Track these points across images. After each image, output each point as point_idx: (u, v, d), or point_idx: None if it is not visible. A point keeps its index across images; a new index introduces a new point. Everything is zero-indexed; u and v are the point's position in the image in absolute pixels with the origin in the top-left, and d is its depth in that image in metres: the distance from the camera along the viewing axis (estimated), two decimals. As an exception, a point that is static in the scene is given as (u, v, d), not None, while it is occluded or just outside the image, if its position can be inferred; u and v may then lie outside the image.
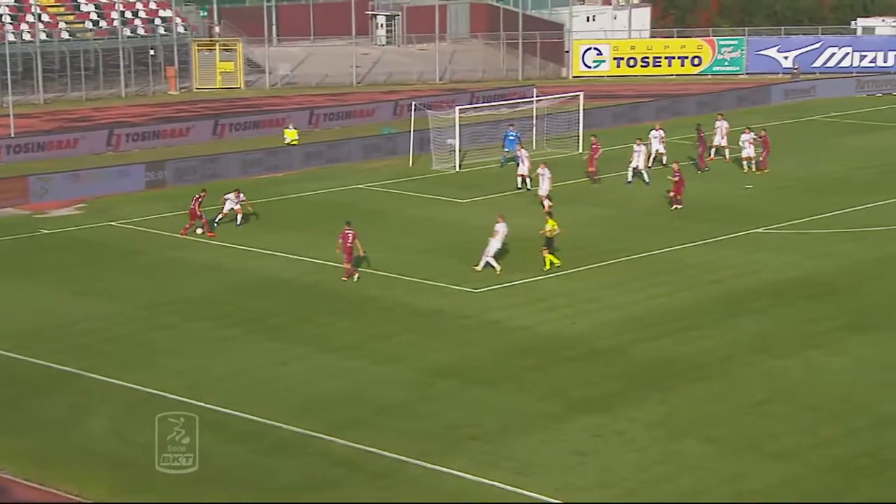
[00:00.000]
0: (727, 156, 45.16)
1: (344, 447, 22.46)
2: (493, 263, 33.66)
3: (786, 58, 75.49)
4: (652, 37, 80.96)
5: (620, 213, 41.09)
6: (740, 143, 47.26)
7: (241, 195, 40.01)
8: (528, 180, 44.23)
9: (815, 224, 39.02)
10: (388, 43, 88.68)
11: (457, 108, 49.90)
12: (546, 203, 39.65)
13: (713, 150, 47.01)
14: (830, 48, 75.63)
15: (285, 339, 28.45)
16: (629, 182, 44.90)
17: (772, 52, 76.00)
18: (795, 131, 56.99)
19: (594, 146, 46.04)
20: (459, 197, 43.54)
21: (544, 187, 41.41)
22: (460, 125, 49.60)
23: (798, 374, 25.93)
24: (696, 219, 39.74)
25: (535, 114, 53.47)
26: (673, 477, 21.22)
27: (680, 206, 39.63)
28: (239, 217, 40.31)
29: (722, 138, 46.88)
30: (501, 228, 34.01)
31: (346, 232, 33.31)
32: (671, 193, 40.35)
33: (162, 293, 31.98)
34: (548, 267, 33.88)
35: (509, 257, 35.12)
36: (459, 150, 49.11)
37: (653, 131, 48.31)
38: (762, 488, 20.77)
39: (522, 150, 45.53)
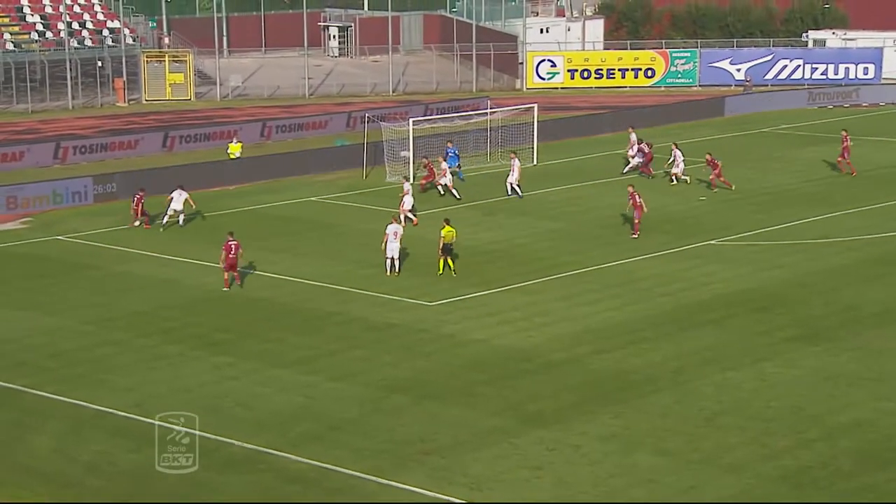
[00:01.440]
0: (688, 180, 45.44)
1: (298, 463, 22.46)
2: (396, 265, 34.42)
3: (738, 70, 76.45)
4: (605, 49, 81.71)
5: (571, 225, 41.42)
6: (631, 148, 47.56)
7: (185, 193, 40.14)
8: (517, 188, 44.85)
9: (765, 236, 39.55)
10: (340, 54, 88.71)
11: (410, 120, 50.04)
12: (515, 187, 43.09)
13: (673, 178, 47.14)
14: (782, 60, 76.71)
15: (237, 354, 28.39)
16: (509, 195, 45.03)
17: (724, 65, 76.92)
18: (747, 143, 57.73)
19: None
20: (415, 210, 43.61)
21: (514, 175, 43.97)
22: (414, 137, 49.75)
23: (750, 385, 26.29)
24: (648, 231, 40.14)
25: (489, 126, 53.74)
26: (628, 490, 21.44)
27: (635, 236, 39.57)
28: (181, 218, 40.37)
29: (677, 167, 46.91)
30: (394, 229, 34.52)
31: (230, 243, 33.49)
32: (636, 220, 40.21)
33: (109, 308, 31.79)
34: (441, 272, 34.52)
35: (465, 271, 35.26)
36: (413, 163, 49.24)
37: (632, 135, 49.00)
38: (716, 500, 21.04)
39: (515, 158, 45.69)
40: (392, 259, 34.71)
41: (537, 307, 32.01)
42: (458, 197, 45.43)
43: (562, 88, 76.71)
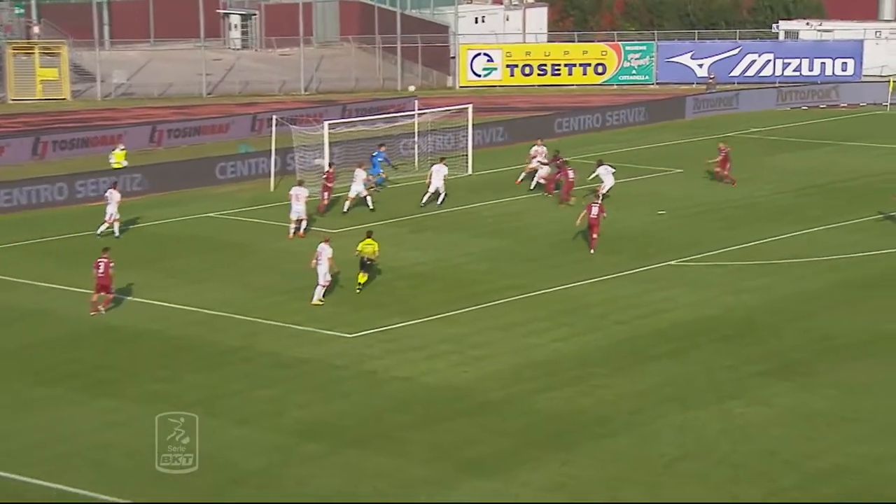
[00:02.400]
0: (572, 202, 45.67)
1: (194, 523, 22.36)
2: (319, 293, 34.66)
3: (700, 66, 77.61)
4: (550, 41, 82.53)
5: (514, 243, 41.74)
6: (531, 161, 47.84)
7: (117, 194, 41.02)
8: (440, 197, 45.98)
9: (732, 255, 40.17)
10: (243, 47, 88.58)
11: (325, 123, 50.13)
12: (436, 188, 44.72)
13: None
14: (750, 55, 77.99)
15: (123, 396, 28.17)
16: (423, 205, 45.82)
17: (685, 60, 78.05)
18: (712, 150, 58.58)
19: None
20: (331, 226, 43.69)
21: (437, 182, 45.05)
22: (330, 143, 49.81)
23: (715, 426, 26.66)
24: (600, 250, 40.59)
25: (416, 129, 54.02)
26: (576, 548, 21.65)
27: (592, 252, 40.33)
28: (117, 227, 41.25)
29: (606, 189, 46.79)
30: (323, 250, 34.71)
31: (100, 261, 33.61)
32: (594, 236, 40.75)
33: (-27, 345, 31.41)
34: (359, 285, 35.60)
35: (389, 298, 35.36)
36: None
37: (535, 147, 49.24)
38: (676, 559, 21.34)
39: (441, 164, 46.53)
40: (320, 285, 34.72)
41: (472, 339, 32.18)
42: (371, 208, 45.60)
43: (500, 87, 77.33)
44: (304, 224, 42.23)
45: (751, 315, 34.07)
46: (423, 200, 46.33)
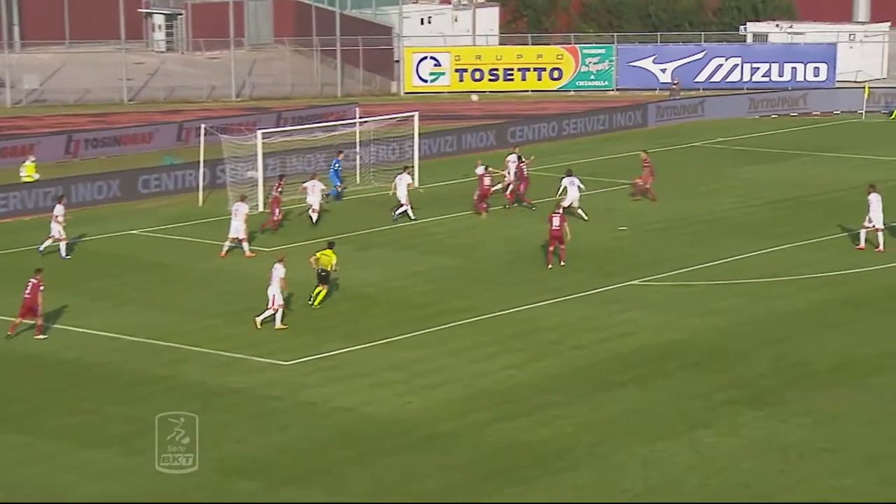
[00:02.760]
0: (584, 216, 45.88)
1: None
2: (266, 315, 34.56)
3: (663, 70, 78.15)
4: (502, 44, 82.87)
5: (466, 262, 41.76)
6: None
7: (62, 213, 41.05)
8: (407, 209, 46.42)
9: (699, 274, 40.41)
10: (168, 49, 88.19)
11: (259, 133, 50.01)
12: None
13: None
14: (716, 59, 78.61)
15: (36, 431, 27.86)
16: (395, 217, 46.36)
17: (646, 64, 78.56)
18: (676, 161, 59.00)
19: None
20: (266, 244, 43.51)
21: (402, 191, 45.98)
22: (263, 154, 49.67)
23: (683, 459, 26.75)
24: (558, 269, 40.68)
25: (358, 139, 53.98)
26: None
27: (563, 264, 40.71)
28: (63, 246, 41.25)
29: (568, 203, 46.91)
30: (276, 270, 34.63)
31: (31, 281, 33.62)
32: (551, 248, 41.01)
33: None
34: (318, 305, 36.19)
35: (330, 321, 35.25)
36: (262, 185, 49.12)
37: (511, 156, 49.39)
38: None
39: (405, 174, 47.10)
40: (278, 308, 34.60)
41: (420, 366, 32.14)
42: (313, 221, 45.58)
43: (448, 93, 77.48)
44: (245, 245, 41.96)
45: (719, 339, 34.25)
46: (396, 214, 46.72)
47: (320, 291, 36.49)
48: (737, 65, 78.51)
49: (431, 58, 77.86)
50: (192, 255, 42.78)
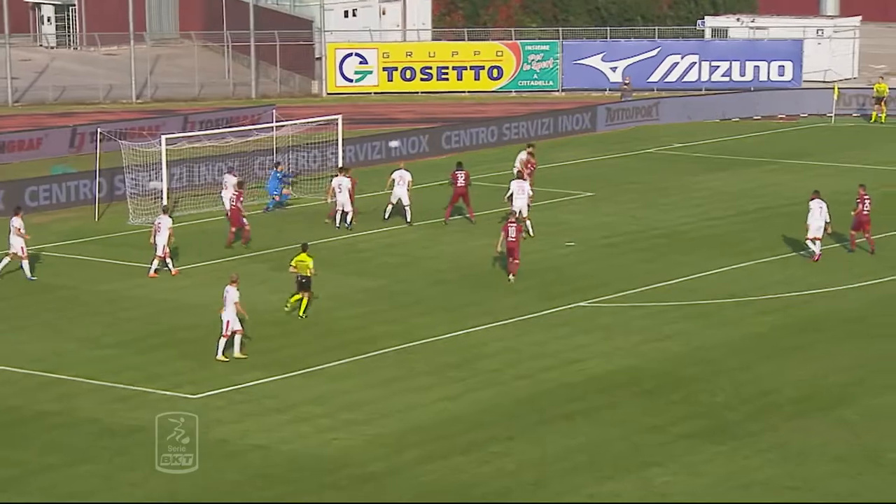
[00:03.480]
0: (531, 230, 46.10)
1: None
2: (223, 344, 34.51)
3: (614, 69, 78.59)
4: (435, 39, 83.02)
5: (394, 282, 41.84)
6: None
7: (20, 224, 41.29)
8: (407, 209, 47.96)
9: (654, 294, 40.73)
10: (59, 44, 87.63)
11: (163, 138, 49.85)
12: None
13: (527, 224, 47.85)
14: (671, 56, 79.17)
15: (-86, 475, 27.67)
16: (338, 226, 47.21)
17: (595, 62, 78.95)
18: (628, 168, 59.39)
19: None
20: (171, 263, 43.34)
21: (400, 193, 47.47)
22: (169, 161, 49.51)
23: (636, 499, 26.92)
24: (497, 289, 40.84)
25: (275, 145, 53.93)
26: None
27: (511, 278, 41.32)
28: (26, 265, 41.35)
29: (526, 207, 47.21)
30: (228, 293, 34.62)
31: None
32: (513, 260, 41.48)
33: None
34: (287, 307, 37.55)
35: (248, 348, 35.17)
36: (168, 197, 48.95)
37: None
38: None
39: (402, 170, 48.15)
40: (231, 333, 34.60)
41: (345, 398, 32.17)
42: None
43: (376, 94, 77.55)
44: (169, 261, 41.88)
45: (676, 366, 34.55)
46: (387, 214, 47.83)
47: (301, 299, 37.37)
48: (694, 63, 79.05)
49: (357, 54, 77.86)
50: (89, 276, 42.52)
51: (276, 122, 55.29)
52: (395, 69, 77.92)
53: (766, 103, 73.76)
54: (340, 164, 50.87)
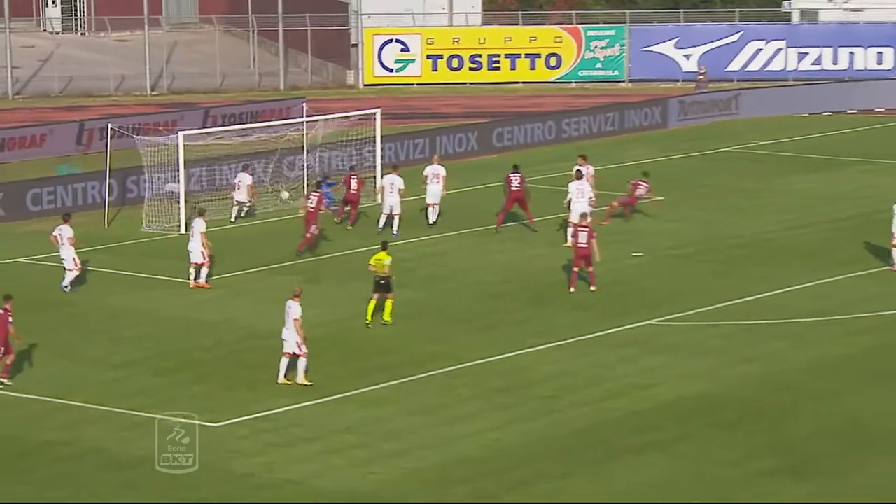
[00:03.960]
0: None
1: None
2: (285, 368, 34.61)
3: (688, 57, 78.44)
4: (486, 23, 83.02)
5: (438, 296, 41.84)
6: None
7: (71, 233, 41.64)
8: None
9: (732, 312, 40.62)
10: (65, 30, 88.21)
11: (181, 134, 50.08)
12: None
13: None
14: (754, 42, 78.96)
15: None
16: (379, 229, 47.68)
17: (667, 49, 78.87)
18: (703, 169, 59.22)
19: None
20: (189, 276, 43.55)
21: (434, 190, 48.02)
22: (187, 161, 49.72)
23: (710, 543, 27.02)
24: (554, 305, 40.80)
25: (305, 143, 54.08)
26: None
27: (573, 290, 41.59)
28: (69, 277, 41.66)
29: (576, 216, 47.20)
30: (290, 309, 34.66)
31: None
32: (576, 270, 41.79)
33: None
34: (369, 319, 38.24)
35: (270, 372, 35.27)
36: (186, 200, 49.18)
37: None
38: None
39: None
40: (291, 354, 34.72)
41: (383, 426, 32.22)
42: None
43: (419, 85, 77.64)
44: (203, 270, 42.16)
45: (756, 393, 34.45)
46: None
47: (384, 301, 38.30)
48: (780, 50, 78.91)
49: (398, 41, 78.02)
50: (97, 288, 42.75)
51: (307, 116, 55.44)
52: (441, 57, 78.03)
53: (862, 95, 73.45)
54: (384, 162, 51.01)
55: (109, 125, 53.76)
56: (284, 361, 34.70)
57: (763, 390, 34.59)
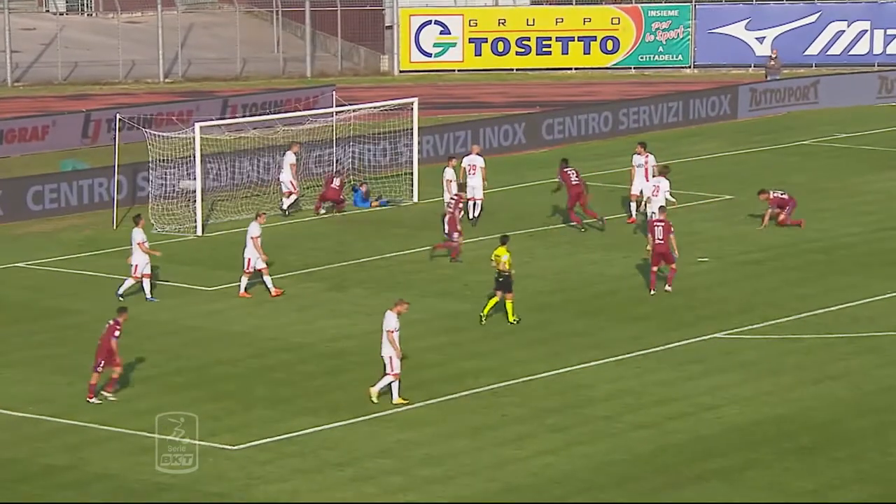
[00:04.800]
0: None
1: None
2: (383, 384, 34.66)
3: (760, 40, 78.18)
4: (535, 3, 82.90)
5: (479, 307, 41.73)
6: None
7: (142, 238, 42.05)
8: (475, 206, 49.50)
9: (810, 324, 40.43)
10: (69, 10, 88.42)
11: (197, 126, 50.13)
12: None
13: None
14: (835, 23, 78.62)
15: None
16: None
17: (737, 31, 78.62)
18: (777, 165, 59.03)
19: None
20: (207, 282, 43.58)
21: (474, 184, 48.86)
22: (204, 155, 49.78)
23: (788, 583, 26.85)
24: (610, 315, 40.65)
25: (335, 135, 54.07)
26: None
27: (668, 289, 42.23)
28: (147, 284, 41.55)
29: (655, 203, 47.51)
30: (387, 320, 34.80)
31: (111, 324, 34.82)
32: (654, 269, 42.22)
33: None
34: (485, 314, 39.39)
35: (293, 389, 35.36)
36: (203, 199, 49.23)
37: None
38: None
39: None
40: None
41: (421, 451, 32.16)
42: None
43: (460, 71, 77.61)
44: (267, 278, 42.18)
45: (839, 415, 34.27)
46: (472, 213, 49.68)
47: (507, 302, 39.56)
48: (864, 31, 78.59)
49: (437, 22, 77.99)
50: (104, 297, 42.82)
51: (337, 106, 55.39)
52: (485, 41, 77.95)
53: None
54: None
55: (118, 116, 53.76)
56: (387, 380, 34.74)
57: (848, 413, 34.39)
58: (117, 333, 34.94)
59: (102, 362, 34.73)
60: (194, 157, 49.38)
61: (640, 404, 34.81)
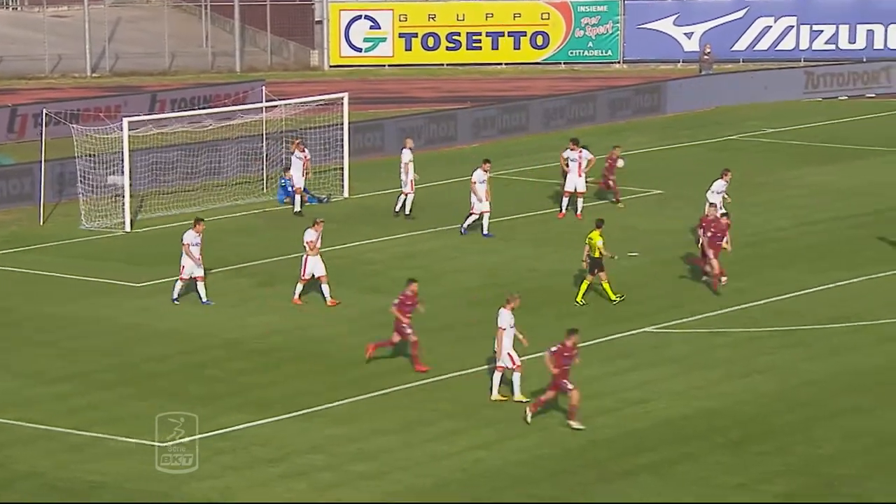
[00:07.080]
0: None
1: None
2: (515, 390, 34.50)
3: (689, 35, 78.45)
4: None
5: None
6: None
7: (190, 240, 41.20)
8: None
9: (740, 318, 40.60)
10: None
11: (125, 121, 49.97)
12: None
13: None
14: (762, 18, 78.94)
15: None
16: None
17: (665, 26, 78.87)
18: (706, 160, 59.23)
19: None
20: (136, 279, 43.43)
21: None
22: (132, 151, 49.59)
23: (717, 576, 27.03)
24: (541, 312, 40.81)
25: (264, 130, 53.99)
26: None
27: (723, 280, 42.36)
28: (201, 287, 41.12)
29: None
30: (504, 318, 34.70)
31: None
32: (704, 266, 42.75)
33: None
34: (615, 298, 41.10)
35: (225, 385, 35.23)
36: (131, 195, 49.06)
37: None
38: None
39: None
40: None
41: (353, 446, 32.15)
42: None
43: (390, 66, 77.57)
44: (326, 288, 41.39)
45: (768, 409, 34.42)
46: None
47: (600, 282, 41.08)
48: (791, 27, 78.97)
49: (367, 17, 77.94)
50: (32, 294, 42.62)
51: (266, 101, 55.32)
52: (415, 36, 78.00)
53: (882, 78, 73.49)
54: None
55: (44, 111, 53.60)
56: (497, 376, 34.66)
57: (776, 406, 34.56)
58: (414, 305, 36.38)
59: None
60: (122, 152, 49.18)
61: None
